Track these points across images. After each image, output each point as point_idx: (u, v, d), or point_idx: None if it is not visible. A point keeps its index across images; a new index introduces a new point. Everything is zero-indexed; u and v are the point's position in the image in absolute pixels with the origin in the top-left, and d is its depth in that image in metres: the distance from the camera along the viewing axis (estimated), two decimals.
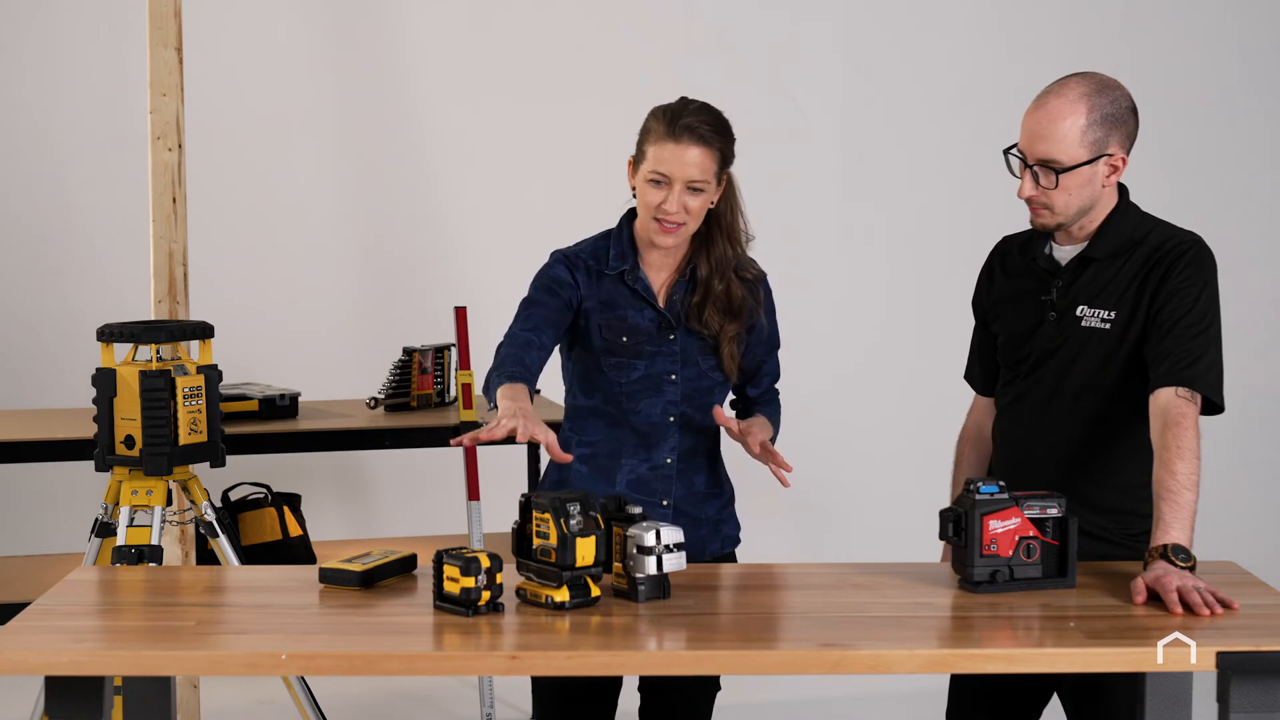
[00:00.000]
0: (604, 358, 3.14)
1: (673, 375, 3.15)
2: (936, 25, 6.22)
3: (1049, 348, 3.00)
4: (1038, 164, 2.90)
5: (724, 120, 3.12)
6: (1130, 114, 2.92)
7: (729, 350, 3.17)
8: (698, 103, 3.12)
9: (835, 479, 6.14)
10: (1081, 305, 2.96)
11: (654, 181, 3.05)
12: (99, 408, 3.76)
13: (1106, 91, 2.90)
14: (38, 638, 2.50)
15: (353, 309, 6.09)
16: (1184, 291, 2.89)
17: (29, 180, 5.90)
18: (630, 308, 3.15)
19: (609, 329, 3.14)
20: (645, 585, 2.67)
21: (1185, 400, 2.82)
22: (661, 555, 2.65)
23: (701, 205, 3.08)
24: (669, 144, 3.04)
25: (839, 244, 6.23)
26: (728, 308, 3.16)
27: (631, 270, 3.15)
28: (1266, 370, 6.34)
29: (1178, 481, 2.71)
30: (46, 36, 5.86)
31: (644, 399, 3.15)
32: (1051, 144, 2.88)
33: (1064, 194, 2.90)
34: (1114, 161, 2.91)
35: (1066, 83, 2.91)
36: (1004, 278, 3.13)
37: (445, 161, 6.05)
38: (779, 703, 4.96)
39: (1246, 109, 6.31)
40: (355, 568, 2.77)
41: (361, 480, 6.04)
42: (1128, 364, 2.93)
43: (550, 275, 3.15)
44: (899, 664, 2.44)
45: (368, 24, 6.03)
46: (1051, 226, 2.96)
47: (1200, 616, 2.54)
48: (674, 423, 3.16)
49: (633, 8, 6.13)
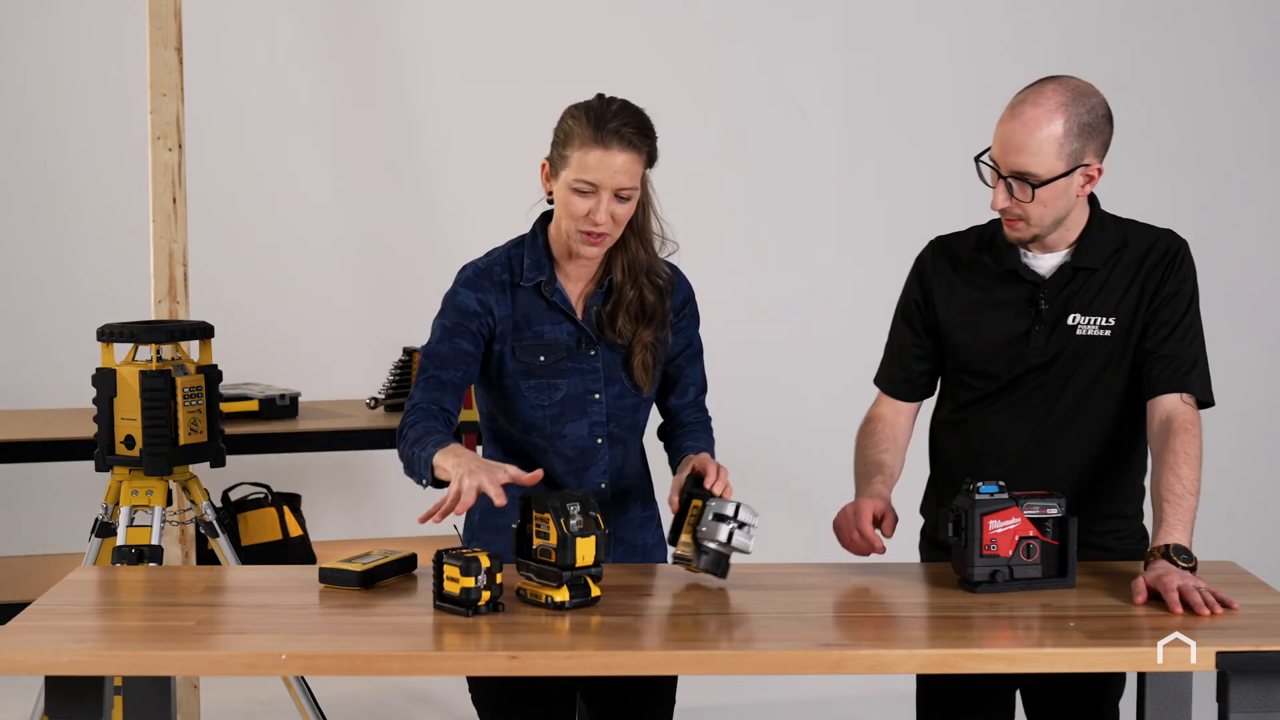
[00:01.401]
0: (522, 380, 2.94)
1: (596, 394, 2.97)
2: (936, 25, 6.22)
3: (1039, 360, 2.92)
4: (1012, 176, 2.80)
5: (648, 120, 2.90)
6: (1106, 122, 2.83)
7: (641, 359, 2.96)
8: (619, 102, 2.89)
9: (835, 479, 6.13)
10: (1074, 314, 2.90)
11: (580, 191, 2.84)
12: (99, 408, 3.77)
13: (1083, 99, 2.80)
14: (38, 638, 2.50)
15: (353, 309, 6.08)
16: (1179, 294, 2.89)
17: (29, 180, 5.90)
18: (547, 322, 2.95)
19: (524, 350, 2.94)
20: (708, 555, 2.72)
21: (1190, 407, 2.83)
22: (734, 529, 2.70)
23: (628, 212, 2.88)
24: (596, 150, 2.82)
25: (839, 244, 6.23)
26: (640, 313, 2.96)
27: (549, 281, 2.95)
28: (1267, 370, 6.33)
29: (1183, 486, 2.72)
30: (46, 36, 5.85)
31: (569, 421, 2.96)
32: (1027, 156, 2.78)
33: (1040, 206, 2.81)
34: (1090, 172, 2.83)
35: (1043, 90, 2.80)
36: (965, 285, 3.00)
37: (446, 161, 6.05)
38: (779, 703, 4.96)
39: (1247, 109, 6.31)
40: (355, 568, 2.76)
41: (361, 480, 6.04)
42: (1131, 368, 2.91)
43: (456, 307, 2.95)
44: (899, 664, 2.44)
45: (368, 25, 6.03)
46: (1027, 239, 2.89)
47: (1201, 616, 2.54)
48: (602, 444, 2.99)
49: (634, 8, 6.12)
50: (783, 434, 5.99)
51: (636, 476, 3.07)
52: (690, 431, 3.09)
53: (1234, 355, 6.24)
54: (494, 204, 6.06)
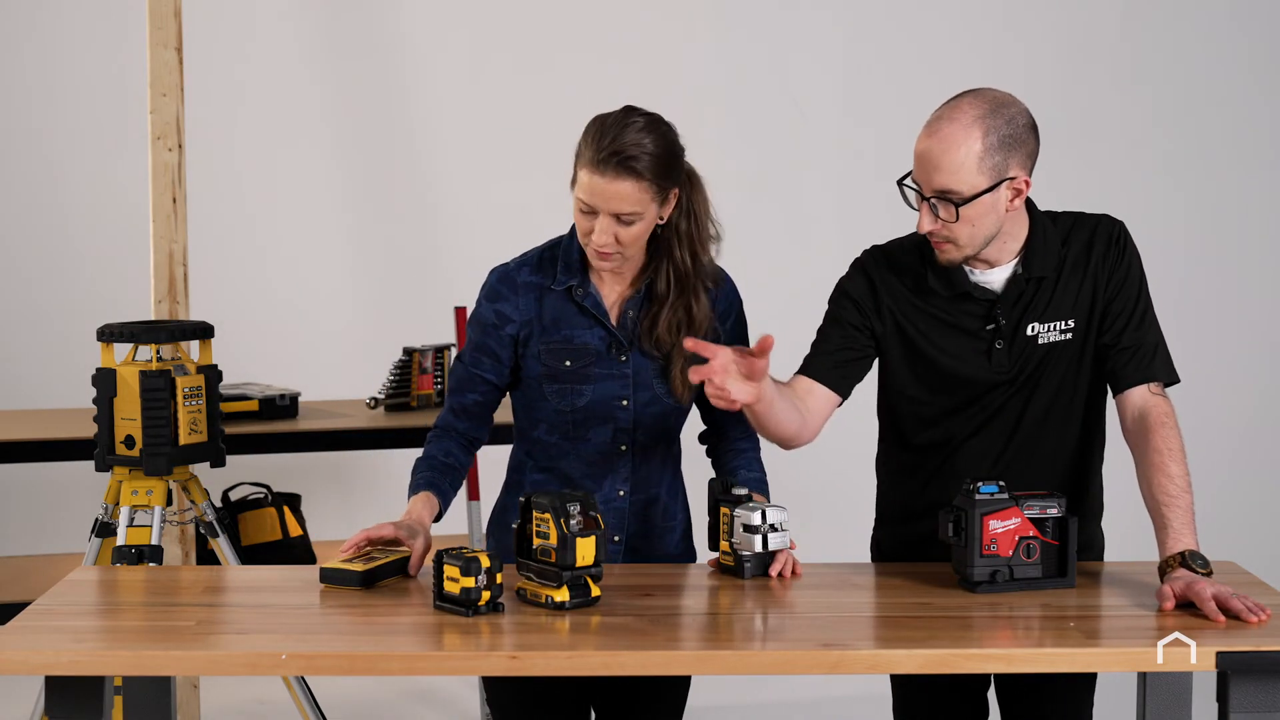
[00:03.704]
0: (546, 384, 2.90)
1: (624, 400, 2.90)
2: (937, 24, 6.22)
3: (999, 378, 2.83)
4: (935, 196, 2.71)
5: (667, 143, 2.78)
6: (1029, 131, 2.73)
7: (682, 369, 2.85)
8: (639, 121, 2.76)
9: (835, 479, 6.13)
10: (1032, 324, 2.81)
11: (582, 210, 2.78)
12: (99, 408, 3.76)
13: (1001, 111, 2.70)
14: (38, 638, 2.50)
15: (353, 309, 6.08)
16: (1129, 279, 2.82)
17: (29, 180, 5.90)
18: (578, 327, 2.88)
19: (550, 354, 2.88)
20: (751, 563, 2.78)
21: (1160, 397, 2.78)
22: (766, 534, 2.76)
23: (639, 232, 2.79)
24: (594, 175, 2.73)
25: (839, 244, 6.22)
26: (687, 324, 2.87)
27: (580, 285, 2.88)
28: (1267, 370, 6.33)
29: (1176, 485, 2.68)
30: (46, 36, 5.86)
31: (592, 427, 2.90)
32: (947, 175, 2.68)
33: (967, 226, 2.71)
34: (1016, 185, 2.72)
35: (958, 105, 2.71)
36: (921, 300, 2.86)
37: (446, 161, 6.05)
38: (779, 703, 4.96)
39: (1247, 109, 6.31)
40: (356, 567, 2.76)
41: (361, 480, 6.04)
42: (1093, 363, 2.85)
43: (478, 320, 2.92)
44: (899, 664, 2.44)
45: (368, 25, 6.03)
46: (958, 260, 2.78)
47: (1249, 624, 2.49)
48: (626, 451, 2.93)
49: (634, 8, 6.12)
50: None
51: (663, 486, 3.00)
52: (743, 454, 3.02)
53: (1234, 355, 6.25)
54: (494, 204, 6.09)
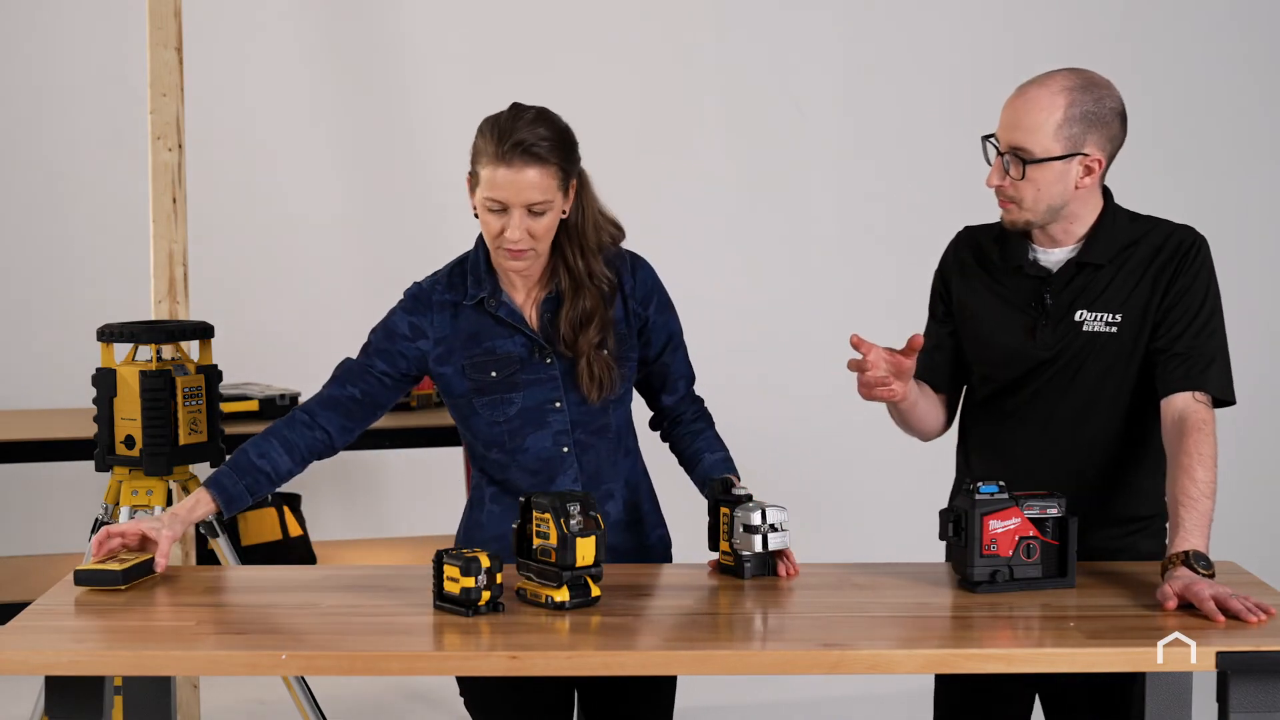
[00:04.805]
0: (475, 399, 2.90)
1: (557, 403, 2.90)
2: (936, 25, 6.22)
3: (1044, 356, 2.89)
4: (1009, 152, 2.80)
5: (561, 129, 2.84)
6: (1115, 117, 2.81)
7: (587, 368, 2.87)
8: (531, 112, 2.84)
9: (835, 479, 6.14)
10: (1080, 310, 2.87)
11: (491, 209, 2.79)
12: (99, 408, 3.77)
13: (1092, 89, 2.79)
14: (38, 638, 2.50)
15: (353, 309, 6.06)
16: (1193, 289, 2.84)
17: (29, 180, 5.90)
18: (497, 337, 2.90)
19: (474, 367, 2.89)
20: (751, 563, 2.78)
21: (1203, 405, 2.78)
22: (767, 534, 2.76)
23: (549, 224, 2.81)
24: (500, 168, 2.77)
25: (839, 245, 6.22)
26: (581, 319, 2.88)
27: (491, 295, 2.90)
28: (1267, 370, 6.33)
29: (1199, 489, 2.67)
30: (46, 36, 5.85)
31: (529, 434, 2.90)
32: (1024, 133, 2.78)
33: (1031, 187, 2.79)
34: (1089, 162, 2.79)
35: (1053, 74, 2.81)
36: (981, 273, 2.99)
37: (446, 161, 6.02)
38: (779, 703, 4.96)
39: (1247, 108, 6.31)
40: (114, 567, 2.69)
41: (361, 480, 6.04)
42: (1141, 365, 2.87)
43: (386, 327, 2.94)
44: (899, 664, 2.44)
45: (368, 25, 6.03)
46: (1020, 223, 2.86)
47: (1249, 624, 2.49)
48: (569, 453, 2.92)
49: (635, 8, 6.12)
50: (778, 435, 5.99)
51: (619, 481, 3.00)
52: (700, 434, 3.04)
53: (1234, 355, 6.23)
54: None
